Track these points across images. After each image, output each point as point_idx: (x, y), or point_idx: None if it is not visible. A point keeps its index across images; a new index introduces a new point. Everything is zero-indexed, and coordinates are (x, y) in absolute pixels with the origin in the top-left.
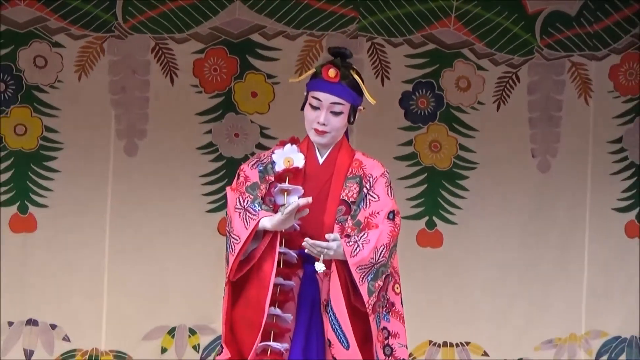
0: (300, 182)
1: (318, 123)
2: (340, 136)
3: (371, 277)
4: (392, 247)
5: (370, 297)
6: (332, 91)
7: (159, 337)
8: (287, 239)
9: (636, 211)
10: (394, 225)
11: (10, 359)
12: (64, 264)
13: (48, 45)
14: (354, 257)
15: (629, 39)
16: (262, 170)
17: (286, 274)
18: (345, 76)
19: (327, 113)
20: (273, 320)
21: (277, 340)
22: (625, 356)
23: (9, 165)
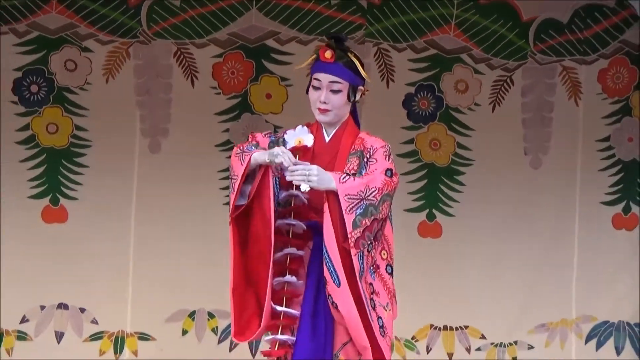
0: (309, 159)
1: (320, 102)
2: (344, 115)
3: (360, 211)
4: (385, 195)
5: (355, 230)
6: (329, 71)
7: (180, 320)
8: (296, 211)
9: (623, 204)
10: (390, 180)
11: (43, 341)
12: (92, 252)
13: (78, 50)
14: (343, 184)
15: (617, 45)
16: (274, 141)
17: (297, 245)
18: (341, 57)
19: (327, 92)
20: (284, 288)
21: (288, 306)
22: (613, 340)
23: (41, 161)
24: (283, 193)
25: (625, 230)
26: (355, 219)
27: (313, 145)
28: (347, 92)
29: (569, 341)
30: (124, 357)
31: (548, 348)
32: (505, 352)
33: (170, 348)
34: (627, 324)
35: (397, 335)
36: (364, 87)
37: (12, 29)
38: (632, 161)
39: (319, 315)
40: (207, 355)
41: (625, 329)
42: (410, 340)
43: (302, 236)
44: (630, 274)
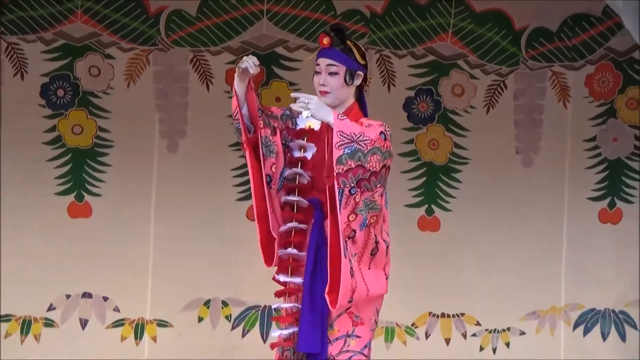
0: (316, 141)
1: (320, 84)
2: (344, 98)
3: (347, 151)
4: (375, 148)
5: (338, 165)
6: (326, 55)
7: (196, 308)
8: (299, 188)
9: (608, 200)
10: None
11: (68, 327)
12: (114, 245)
13: (101, 57)
14: (340, 121)
15: (602, 52)
16: (288, 114)
17: (300, 219)
18: (337, 43)
19: (325, 75)
20: (289, 258)
21: (294, 275)
22: (599, 326)
23: (67, 160)
24: (287, 170)
25: (611, 224)
26: (342, 156)
27: (321, 128)
28: (344, 75)
29: (558, 328)
30: (143, 342)
31: (539, 334)
32: (498, 337)
33: (187, 334)
34: (612, 311)
35: (397, 322)
36: (364, 74)
37: (40, 38)
38: (617, 160)
39: (317, 285)
40: (221, 341)
41: (611, 316)
42: (410, 326)
43: (305, 211)
44: (615, 265)
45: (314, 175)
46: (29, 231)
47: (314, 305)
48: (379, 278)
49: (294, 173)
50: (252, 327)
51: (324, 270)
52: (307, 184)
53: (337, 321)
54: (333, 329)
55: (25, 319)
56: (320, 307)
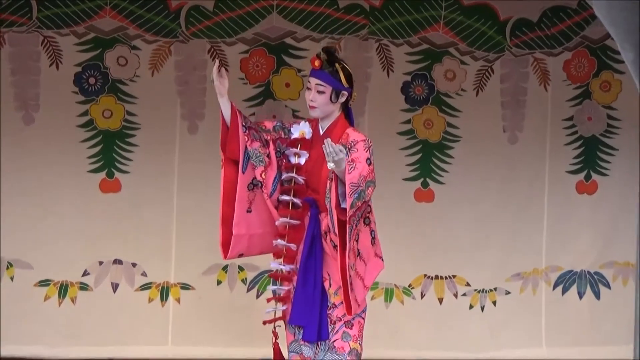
0: (308, 147)
1: (309, 100)
2: (330, 112)
3: (356, 195)
4: (369, 181)
5: (351, 209)
6: (316, 75)
7: (215, 273)
8: (295, 189)
9: (584, 173)
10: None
11: (101, 291)
12: (142, 216)
13: (128, 48)
14: (349, 174)
15: (578, 40)
16: (280, 125)
17: (294, 216)
18: (326, 66)
19: (314, 92)
20: (284, 249)
21: (287, 263)
22: (576, 286)
23: (98, 141)
24: (285, 174)
25: (587, 195)
26: (353, 201)
27: (312, 137)
28: (330, 94)
29: (540, 287)
30: (168, 304)
31: (522, 293)
32: (486, 297)
33: (207, 296)
34: (588, 272)
35: (396, 283)
36: (349, 93)
37: (73, 31)
38: (592, 137)
39: (309, 269)
40: (238, 302)
41: (586, 277)
42: (407, 287)
43: (301, 209)
44: (590, 231)
45: (307, 178)
46: (66, 205)
47: (306, 285)
48: (375, 265)
49: (290, 177)
50: (264, 289)
51: (317, 257)
52: (301, 185)
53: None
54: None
55: (63, 284)
56: (311, 289)
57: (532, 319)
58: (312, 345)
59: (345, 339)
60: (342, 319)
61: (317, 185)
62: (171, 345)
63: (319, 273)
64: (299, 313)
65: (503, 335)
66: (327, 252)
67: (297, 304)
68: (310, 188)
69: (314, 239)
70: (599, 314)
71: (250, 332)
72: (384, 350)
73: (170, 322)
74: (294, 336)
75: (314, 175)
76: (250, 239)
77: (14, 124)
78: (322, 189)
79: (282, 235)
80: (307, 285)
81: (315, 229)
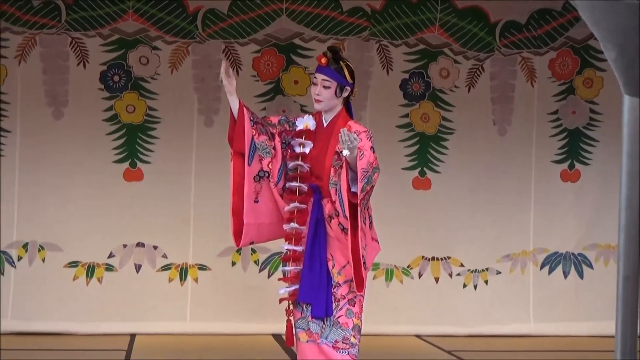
0: (312, 139)
1: (315, 94)
2: (334, 105)
3: (365, 180)
4: (375, 168)
5: (361, 193)
6: (322, 72)
7: (230, 254)
8: (301, 175)
9: (568, 162)
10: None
11: (125, 271)
12: (162, 203)
13: (149, 48)
14: (360, 160)
15: (562, 40)
16: (284, 119)
17: (300, 200)
18: (332, 63)
19: (320, 87)
20: (293, 231)
21: (296, 244)
22: (561, 266)
23: (122, 134)
24: (291, 163)
25: (570, 182)
26: (363, 185)
27: (315, 129)
28: (335, 89)
29: (528, 268)
30: (187, 283)
31: (512, 273)
32: (478, 276)
33: (222, 276)
34: (572, 254)
35: (395, 264)
36: (351, 88)
37: (99, 33)
38: (575, 129)
39: (315, 250)
40: (251, 281)
41: (571, 258)
42: (406, 268)
43: (306, 194)
44: (574, 216)
45: (312, 165)
46: (92, 193)
47: (312, 266)
48: (373, 247)
49: (296, 165)
50: (275, 269)
51: (321, 239)
52: (306, 172)
53: (343, 271)
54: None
55: (90, 265)
56: (317, 269)
57: (521, 297)
58: (319, 321)
59: (349, 315)
60: (345, 297)
61: (321, 173)
62: (189, 321)
63: (323, 254)
64: (308, 291)
65: (494, 311)
66: (331, 234)
67: (305, 282)
68: (314, 175)
69: (317, 223)
70: (583, 292)
71: (262, 309)
72: (385, 326)
73: (188, 300)
74: (301, 313)
75: (318, 163)
76: (259, 227)
77: (44, 118)
78: (325, 176)
79: (290, 220)
80: (314, 266)
81: (319, 213)
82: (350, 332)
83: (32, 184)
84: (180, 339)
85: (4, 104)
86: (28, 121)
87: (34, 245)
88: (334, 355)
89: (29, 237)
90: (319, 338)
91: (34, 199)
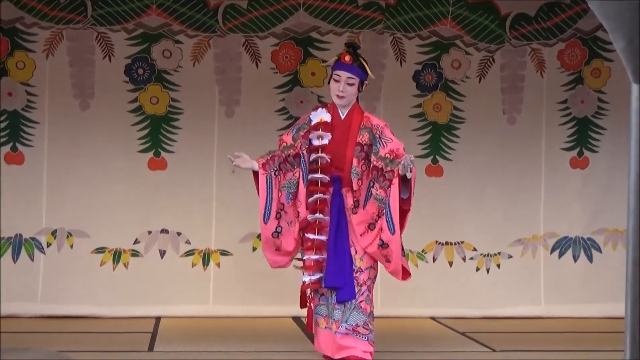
0: (330, 131)
1: (339, 91)
2: (353, 99)
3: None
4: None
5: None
6: (347, 70)
7: (251, 240)
8: (321, 167)
9: (577, 150)
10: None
11: (150, 257)
12: (185, 190)
13: (172, 42)
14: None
15: (571, 32)
16: (295, 131)
17: (322, 191)
18: (355, 60)
19: (344, 84)
20: (316, 222)
21: (320, 234)
22: (571, 250)
23: (146, 125)
24: (313, 155)
25: (579, 169)
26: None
27: (332, 121)
28: (357, 85)
29: (539, 252)
30: (209, 268)
31: (523, 257)
32: (491, 260)
33: (243, 261)
34: (582, 238)
35: (410, 249)
36: (367, 81)
37: (124, 28)
38: (584, 118)
39: (339, 238)
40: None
41: (580, 242)
42: (421, 252)
43: (326, 185)
44: (583, 201)
45: (332, 156)
46: (118, 182)
47: (337, 253)
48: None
49: (317, 157)
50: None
51: (344, 227)
52: (327, 164)
53: (365, 256)
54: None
55: (116, 251)
56: (342, 255)
57: (532, 280)
58: (341, 306)
59: (367, 301)
60: (366, 282)
61: (341, 164)
62: (212, 304)
63: (346, 241)
64: (334, 277)
65: (506, 294)
66: (352, 222)
67: (331, 269)
68: (334, 166)
69: (339, 212)
70: (592, 275)
71: (281, 293)
72: (401, 309)
73: (211, 284)
74: (320, 300)
75: (338, 155)
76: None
77: (72, 110)
78: (346, 166)
79: (314, 210)
80: (338, 253)
81: (340, 203)
82: (368, 318)
83: (60, 173)
84: (204, 322)
85: (33, 97)
86: (56, 113)
87: (62, 232)
88: (349, 342)
89: (58, 224)
90: (338, 326)
91: (62, 188)
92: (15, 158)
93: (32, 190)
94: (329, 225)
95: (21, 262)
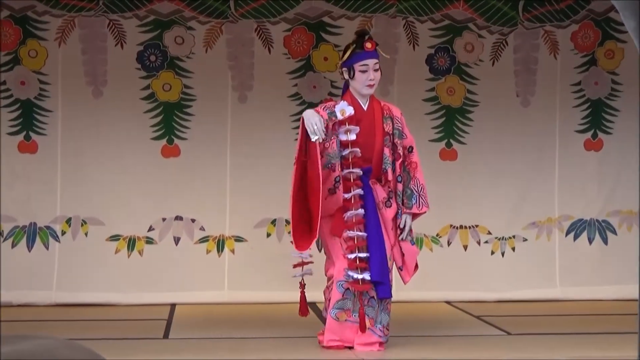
0: (355, 122)
1: (369, 80)
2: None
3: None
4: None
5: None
6: (373, 57)
7: (265, 226)
8: (353, 161)
9: (591, 132)
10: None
11: (164, 244)
12: (199, 177)
13: (184, 29)
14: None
15: (584, 13)
16: (330, 113)
17: (356, 185)
18: (375, 46)
19: (372, 71)
20: (353, 218)
21: (359, 230)
22: (586, 233)
23: (159, 112)
24: (346, 150)
25: (594, 151)
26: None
27: (355, 113)
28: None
29: (553, 235)
30: (224, 254)
31: (538, 240)
32: (505, 244)
33: (258, 247)
34: (596, 220)
35: (425, 233)
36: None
37: (136, 15)
38: (598, 100)
39: (376, 233)
40: (286, 251)
41: (595, 224)
42: (435, 236)
43: (358, 178)
44: (597, 183)
45: (362, 150)
46: (132, 169)
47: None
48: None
49: (350, 152)
50: None
51: (379, 222)
52: (358, 157)
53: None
54: None
55: (131, 238)
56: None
57: (547, 263)
58: (374, 304)
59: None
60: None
61: (370, 155)
62: (227, 290)
63: (382, 235)
64: (379, 271)
65: (521, 277)
66: (386, 216)
67: (376, 265)
68: (362, 159)
69: (373, 205)
70: (607, 257)
71: (296, 278)
72: (416, 293)
73: (226, 270)
74: (343, 295)
75: (367, 147)
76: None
77: (84, 97)
78: (376, 157)
79: (348, 208)
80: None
81: (372, 196)
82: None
83: (73, 162)
84: (219, 308)
85: (46, 85)
86: (69, 101)
87: (77, 220)
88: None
89: (72, 212)
90: (373, 324)
91: (76, 176)
92: (28, 147)
93: (46, 178)
94: (364, 220)
95: (36, 250)
